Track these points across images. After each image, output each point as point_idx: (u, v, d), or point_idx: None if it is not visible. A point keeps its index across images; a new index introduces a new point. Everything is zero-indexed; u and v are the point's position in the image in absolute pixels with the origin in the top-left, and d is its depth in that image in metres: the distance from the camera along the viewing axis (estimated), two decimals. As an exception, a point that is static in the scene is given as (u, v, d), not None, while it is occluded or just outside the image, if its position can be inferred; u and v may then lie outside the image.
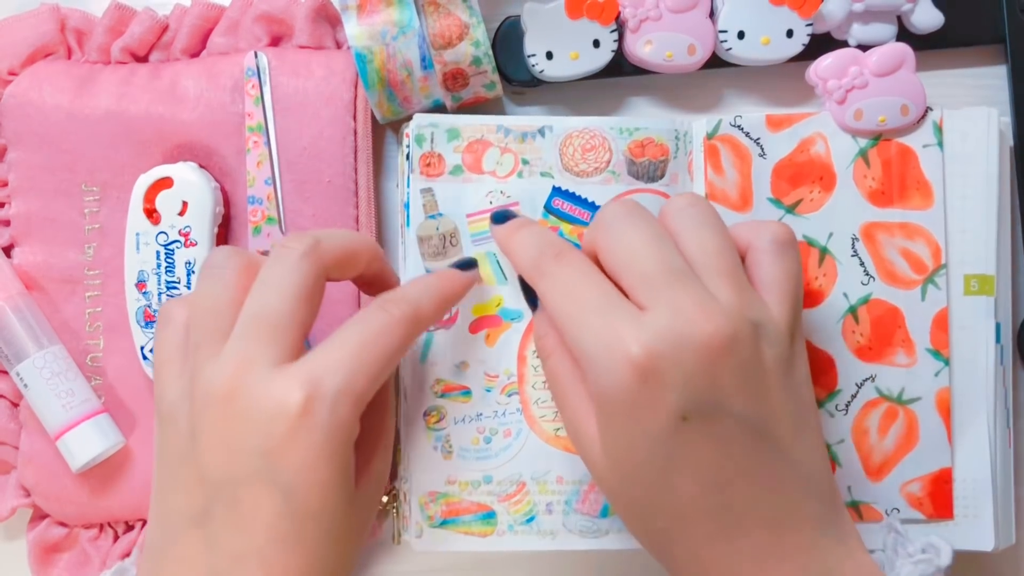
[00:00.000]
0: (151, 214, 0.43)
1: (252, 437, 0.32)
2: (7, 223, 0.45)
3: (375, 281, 0.40)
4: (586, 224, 0.43)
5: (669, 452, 0.33)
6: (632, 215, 0.36)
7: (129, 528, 0.45)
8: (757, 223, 0.37)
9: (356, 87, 0.44)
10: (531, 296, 0.41)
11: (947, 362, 0.43)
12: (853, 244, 0.43)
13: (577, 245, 0.42)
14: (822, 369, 0.43)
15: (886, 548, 0.37)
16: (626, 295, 0.34)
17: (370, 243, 0.39)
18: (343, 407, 0.32)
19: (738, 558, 0.34)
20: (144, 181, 0.43)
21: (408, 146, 0.43)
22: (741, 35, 0.44)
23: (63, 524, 0.45)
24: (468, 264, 0.41)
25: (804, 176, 0.44)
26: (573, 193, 0.43)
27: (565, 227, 0.43)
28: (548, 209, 0.43)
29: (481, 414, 0.42)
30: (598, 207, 0.43)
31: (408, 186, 0.43)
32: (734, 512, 0.34)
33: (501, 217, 0.41)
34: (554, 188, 0.43)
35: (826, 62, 0.44)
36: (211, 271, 0.36)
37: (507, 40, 0.45)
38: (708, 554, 0.34)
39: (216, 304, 0.35)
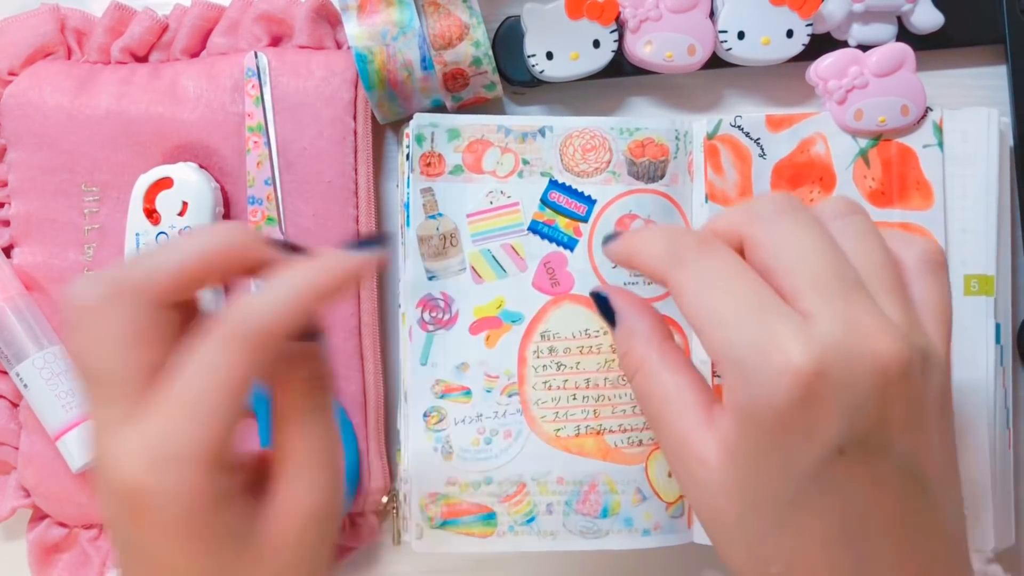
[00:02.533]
0: (151, 214, 0.43)
1: (111, 511, 0.29)
2: (7, 223, 0.45)
3: (264, 271, 0.31)
4: (581, 217, 0.43)
5: (813, 488, 0.28)
6: (798, 211, 0.31)
7: (129, 528, 0.45)
8: (905, 237, 0.33)
9: (356, 87, 0.44)
10: (608, 312, 0.35)
11: (947, 362, 0.43)
12: (853, 244, 0.43)
13: (574, 240, 0.42)
14: (822, 369, 0.43)
15: None
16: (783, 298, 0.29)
17: (222, 245, 0.30)
18: (189, 474, 0.28)
19: None
20: (144, 181, 0.43)
21: (408, 146, 0.43)
22: (741, 35, 0.44)
23: (63, 524, 0.45)
24: (370, 242, 0.31)
25: (804, 176, 0.44)
26: (570, 187, 0.43)
27: (561, 220, 0.43)
28: (544, 202, 0.43)
29: (481, 415, 0.42)
30: (595, 200, 0.43)
31: (408, 186, 0.43)
32: (866, 569, 0.29)
33: (611, 238, 0.35)
34: (551, 181, 0.43)
35: (826, 62, 0.44)
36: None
37: (507, 40, 0.45)
38: None
39: (74, 360, 0.30)
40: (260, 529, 0.29)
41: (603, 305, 0.35)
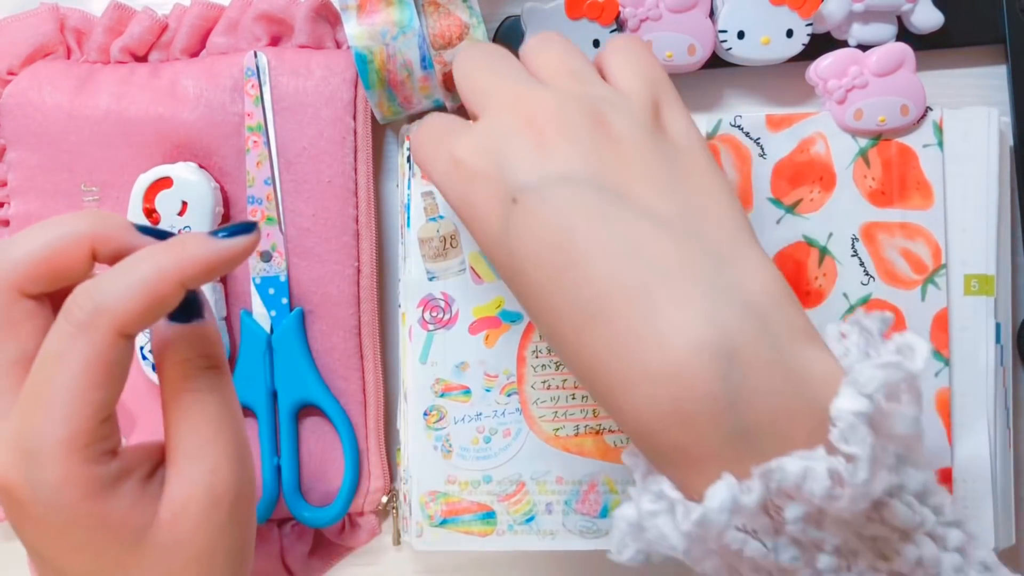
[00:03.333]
0: (150, 214, 0.43)
1: (3, 509, 0.29)
2: (6, 223, 0.45)
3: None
4: None
5: (513, 243, 0.30)
6: (481, 51, 0.36)
7: (129, 528, 0.45)
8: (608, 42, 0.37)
9: (356, 87, 0.44)
10: None
11: (947, 362, 0.43)
12: (853, 244, 0.43)
13: None
14: (822, 369, 0.43)
15: (849, 352, 0.30)
16: None
17: (80, 233, 0.29)
18: (52, 467, 0.27)
19: (602, 344, 0.28)
20: (143, 181, 0.43)
21: (408, 148, 0.43)
22: (741, 35, 0.44)
23: (63, 524, 0.45)
24: (237, 230, 0.30)
25: (804, 176, 0.44)
26: None
27: None
28: None
29: (481, 414, 0.42)
30: None
31: (409, 189, 0.43)
32: (593, 289, 0.28)
33: None
34: None
35: (826, 62, 0.44)
36: None
37: (507, 40, 0.45)
38: (578, 348, 0.29)
39: None
40: (156, 519, 0.29)
41: None
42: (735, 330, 0.27)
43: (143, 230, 0.30)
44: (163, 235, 0.30)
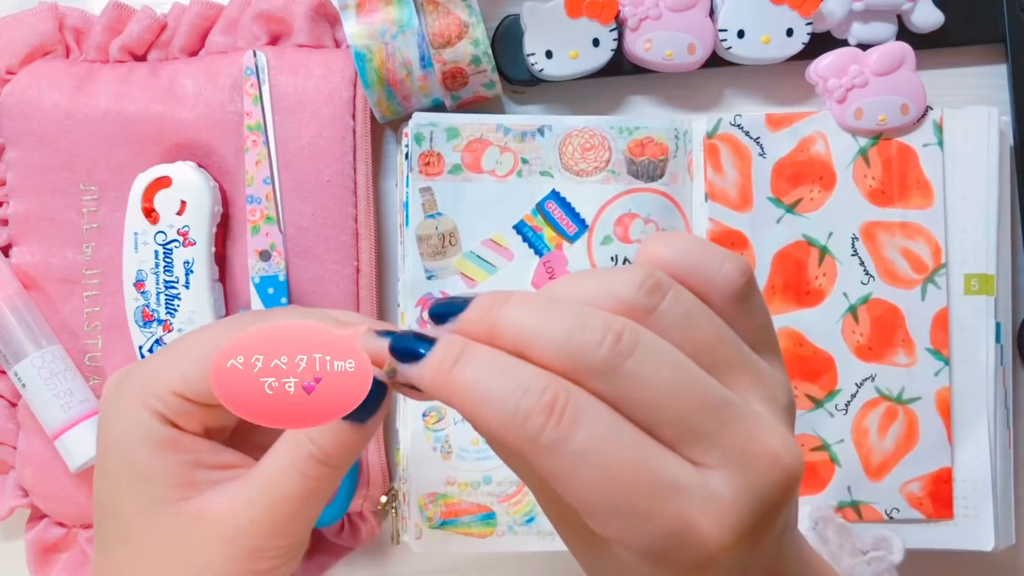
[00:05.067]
0: (149, 213, 0.43)
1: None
2: (5, 222, 0.45)
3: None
4: (568, 236, 0.43)
5: None
6: (635, 349, 0.23)
7: (128, 528, 0.45)
8: (699, 253, 0.26)
9: (355, 86, 0.44)
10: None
11: (947, 362, 0.43)
12: (853, 243, 0.43)
13: (548, 249, 0.42)
14: (822, 369, 0.43)
15: (828, 543, 0.32)
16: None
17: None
18: (123, 393, 0.29)
19: None
20: (143, 180, 0.43)
21: (407, 145, 0.43)
22: (741, 34, 0.44)
23: (61, 524, 0.45)
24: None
25: (804, 175, 0.43)
26: (569, 203, 0.43)
27: (548, 231, 0.43)
28: (539, 207, 0.43)
29: (480, 414, 0.42)
30: (587, 225, 0.43)
31: (407, 185, 0.43)
32: None
33: (413, 348, 0.24)
34: (553, 191, 0.43)
35: (826, 61, 0.43)
36: None
37: (507, 39, 0.45)
38: None
39: None
40: (183, 503, 0.28)
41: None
42: None
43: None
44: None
